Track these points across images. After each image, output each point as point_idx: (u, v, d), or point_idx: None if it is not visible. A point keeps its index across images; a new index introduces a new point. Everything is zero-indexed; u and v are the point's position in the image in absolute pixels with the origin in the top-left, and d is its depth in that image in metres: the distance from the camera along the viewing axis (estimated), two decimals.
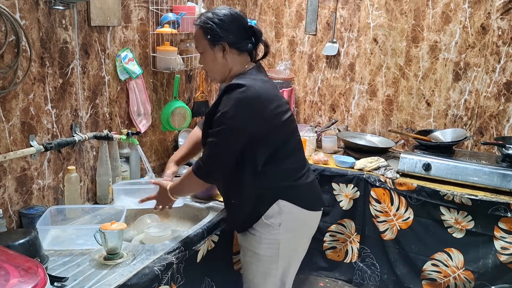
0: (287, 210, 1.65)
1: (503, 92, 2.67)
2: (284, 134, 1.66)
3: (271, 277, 1.72)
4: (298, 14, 3.22)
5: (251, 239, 1.70)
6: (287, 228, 1.67)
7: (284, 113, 1.65)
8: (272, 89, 1.67)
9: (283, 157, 1.65)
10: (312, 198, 1.77)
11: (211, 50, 1.64)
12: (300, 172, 1.71)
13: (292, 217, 1.67)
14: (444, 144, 2.64)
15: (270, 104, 1.60)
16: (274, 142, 1.62)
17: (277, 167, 1.64)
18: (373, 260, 2.66)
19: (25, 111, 1.70)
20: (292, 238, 1.71)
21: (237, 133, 1.55)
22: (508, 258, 2.22)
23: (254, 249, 1.71)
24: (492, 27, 2.63)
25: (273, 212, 1.65)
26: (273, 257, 1.70)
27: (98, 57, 2.00)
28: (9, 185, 1.67)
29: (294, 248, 1.75)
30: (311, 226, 1.81)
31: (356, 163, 2.68)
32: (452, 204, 2.32)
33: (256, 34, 1.70)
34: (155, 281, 1.49)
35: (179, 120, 2.47)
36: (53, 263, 1.50)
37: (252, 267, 1.75)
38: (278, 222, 1.65)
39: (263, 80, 1.65)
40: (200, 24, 1.64)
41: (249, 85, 1.56)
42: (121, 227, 1.55)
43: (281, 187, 1.66)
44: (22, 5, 1.62)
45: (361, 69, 3.07)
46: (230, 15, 1.63)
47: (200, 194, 2.17)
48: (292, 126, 1.71)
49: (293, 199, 1.66)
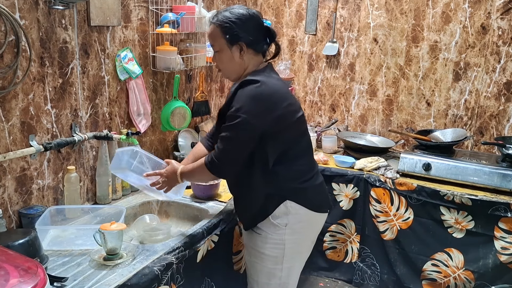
0: (294, 211, 1.66)
1: (503, 92, 2.67)
2: (295, 134, 1.67)
3: (275, 277, 1.72)
4: (298, 14, 3.22)
5: (257, 238, 1.71)
6: (293, 229, 1.67)
7: (296, 112, 1.67)
8: (285, 87, 1.70)
9: (294, 158, 1.66)
10: (320, 200, 1.77)
11: (228, 49, 1.64)
12: (310, 174, 1.72)
13: (299, 218, 1.67)
14: (444, 144, 2.64)
15: (284, 101, 1.60)
16: (286, 141, 1.63)
17: (287, 167, 1.64)
18: (373, 260, 2.66)
19: (25, 111, 1.69)
20: (297, 239, 1.71)
21: (251, 127, 1.55)
22: (508, 258, 2.22)
23: (259, 249, 1.71)
24: (492, 27, 2.63)
25: (280, 213, 1.65)
26: (278, 258, 1.70)
27: (98, 57, 2.00)
28: (8, 185, 1.67)
29: (299, 249, 1.75)
30: (317, 228, 1.82)
31: (356, 163, 2.68)
32: (452, 204, 2.31)
33: (272, 35, 1.71)
34: (154, 281, 1.49)
35: (179, 120, 2.47)
36: (53, 263, 1.50)
37: (257, 267, 1.75)
38: (284, 223, 1.65)
39: (276, 78, 1.68)
40: (218, 22, 1.63)
41: (264, 81, 1.58)
42: (121, 228, 1.55)
43: (290, 188, 1.66)
44: (22, 5, 1.62)
45: (361, 69, 3.07)
46: (249, 15, 1.64)
47: (200, 194, 2.17)
48: (303, 126, 1.72)
49: (301, 200, 1.66)
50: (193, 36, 2.66)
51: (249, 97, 1.55)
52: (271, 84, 1.60)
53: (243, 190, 1.72)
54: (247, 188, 1.69)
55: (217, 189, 2.18)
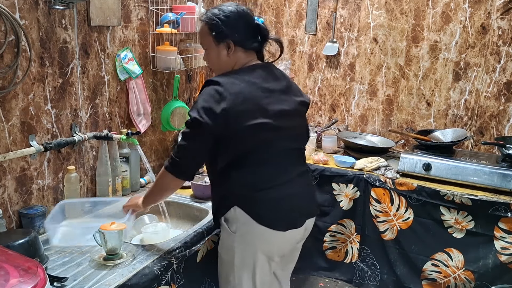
0: (242, 220, 1.56)
1: (503, 92, 2.66)
2: (251, 142, 1.55)
3: (229, 284, 1.65)
4: (298, 14, 3.22)
5: (219, 239, 1.70)
6: (242, 237, 1.58)
7: (255, 119, 1.52)
8: (254, 93, 1.55)
9: (250, 165, 1.57)
10: (276, 216, 1.59)
11: (215, 47, 1.62)
12: (266, 185, 1.57)
13: (248, 229, 1.57)
14: (444, 144, 2.64)
15: (241, 106, 1.50)
16: (237, 147, 1.55)
17: (240, 173, 1.57)
18: (373, 260, 2.65)
19: (25, 111, 1.69)
20: (247, 250, 1.60)
21: (201, 125, 1.49)
22: (508, 258, 2.22)
23: (219, 249, 1.70)
24: (492, 27, 2.63)
25: (231, 217, 1.59)
26: (230, 263, 1.63)
27: (98, 57, 2.00)
28: (8, 185, 1.67)
29: (249, 261, 1.61)
30: (274, 245, 1.63)
31: (356, 163, 2.68)
32: (452, 204, 2.31)
33: (263, 32, 1.65)
34: (155, 281, 1.49)
35: (179, 120, 2.47)
36: (53, 263, 1.50)
37: (218, 269, 1.72)
38: (234, 229, 1.59)
39: (249, 82, 1.56)
40: (205, 20, 1.62)
41: (225, 83, 1.52)
42: (121, 228, 1.55)
43: (240, 194, 1.58)
44: (22, 5, 1.62)
45: (361, 69, 3.07)
46: (237, 12, 1.60)
47: (200, 194, 2.17)
48: (266, 136, 1.56)
49: (248, 209, 1.56)
50: (193, 36, 2.66)
51: (204, 95, 1.52)
52: (229, 86, 1.51)
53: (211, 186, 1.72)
54: (211, 185, 1.70)
55: None
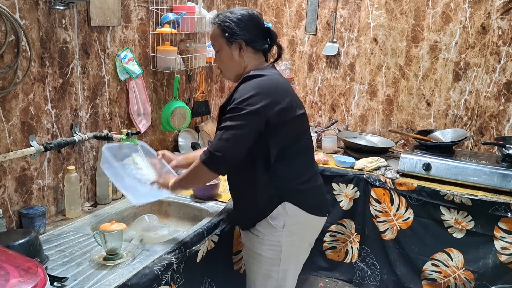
0: (291, 213, 1.65)
1: (503, 92, 2.66)
2: (296, 131, 1.67)
3: (272, 279, 1.72)
4: (298, 14, 3.22)
5: (254, 240, 1.70)
6: (290, 231, 1.66)
7: (298, 108, 1.68)
8: (287, 83, 1.73)
9: (293, 156, 1.65)
10: (318, 203, 1.75)
11: (228, 48, 1.67)
12: (309, 175, 1.71)
13: (296, 220, 1.67)
14: (444, 144, 2.64)
15: (287, 96, 1.62)
16: (286, 136, 1.62)
17: (286, 166, 1.63)
18: (373, 260, 2.65)
19: (25, 111, 1.69)
20: (294, 241, 1.70)
21: (254, 117, 1.53)
22: (508, 258, 2.22)
23: (256, 250, 1.71)
24: (492, 27, 2.63)
25: (278, 214, 1.65)
26: (274, 259, 1.69)
27: (98, 57, 2.00)
28: (9, 185, 1.67)
29: (295, 251, 1.74)
30: (314, 231, 1.81)
31: (356, 163, 2.68)
32: (452, 204, 2.31)
33: (272, 36, 1.73)
34: (155, 281, 1.49)
35: (179, 120, 2.47)
36: (53, 263, 1.50)
37: (254, 268, 1.75)
38: (282, 224, 1.65)
39: (278, 74, 1.71)
40: (218, 22, 1.67)
41: (268, 75, 1.62)
42: (121, 228, 1.55)
43: (289, 189, 1.65)
44: (22, 5, 1.62)
45: (361, 69, 3.07)
46: (248, 15, 1.67)
47: (200, 194, 2.17)
48: (304, 125, 1.73)
49: (299, 202, 1.65)
50: (193, 36, 2.66)
51: (254, 89, 1.56)
52: (274, 78, 1.63)
53: (244, 190, 1.72)
54: (248, 188, 1.68)
55: (217, 189, 2.18)
